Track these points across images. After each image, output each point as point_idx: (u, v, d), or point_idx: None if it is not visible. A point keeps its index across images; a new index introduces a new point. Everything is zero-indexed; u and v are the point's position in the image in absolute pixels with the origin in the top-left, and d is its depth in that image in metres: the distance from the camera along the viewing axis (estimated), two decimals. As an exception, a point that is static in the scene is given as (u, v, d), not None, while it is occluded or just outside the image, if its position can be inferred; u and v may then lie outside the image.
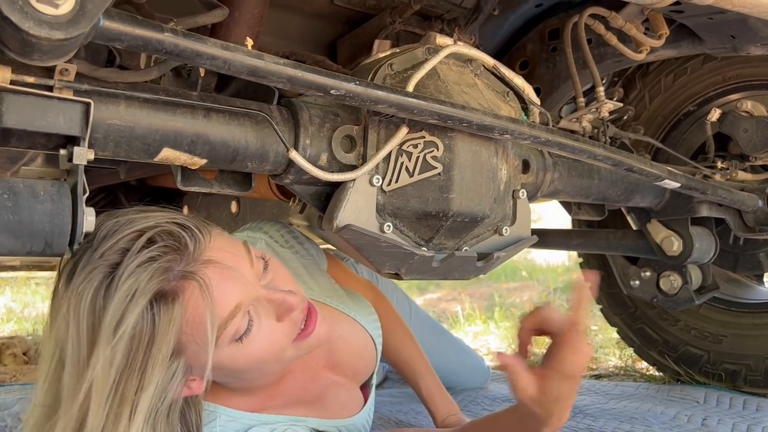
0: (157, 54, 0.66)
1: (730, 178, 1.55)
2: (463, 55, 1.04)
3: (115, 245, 0.78)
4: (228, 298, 0.81)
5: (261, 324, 0.87)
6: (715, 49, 1.41)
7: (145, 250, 0.78)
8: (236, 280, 0.83)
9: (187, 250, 0.80)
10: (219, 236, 0.87)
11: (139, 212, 0.85)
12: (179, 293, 0.78)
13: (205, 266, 0.80)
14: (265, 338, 0.87)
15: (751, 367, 1.80)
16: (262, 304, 0.87)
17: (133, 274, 0.76)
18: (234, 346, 0.85)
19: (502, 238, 1.10)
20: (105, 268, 0.77)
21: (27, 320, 4.33)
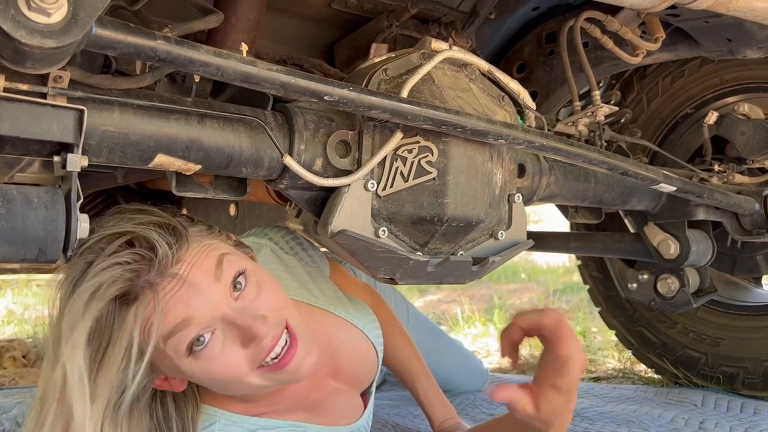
0: (151, 61, 0.66)
1: (727, 181, 1.55)
2: (457, 60, 1.05)
3: (97, 242, 0.82)
4: (177, 313, 0.83)
5: (224, 345, 0.87)
6: (711, 52, 1.41)
7: (116, 254, 0.81)
8: (193, 297, 0.84)
9: (158, 260, 0.82)
10: (197, 247, 0.87)
11: (136, 211, 0.88)
12: (136, 299, 0.81)
13: (168, 279, 0.83)
14: (223, 360, 0.87)
15: (749, 370, 1.80)
16: (228, 326, 0.86)
17: (98, 276, 0.79)
18: (189, 359, 0.86)
19: (498, 243, 1.10)
20: (82, 265, 0.82)
21: (27, 323, 4.33)
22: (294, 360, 0.90)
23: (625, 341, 2.11)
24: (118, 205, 0.91)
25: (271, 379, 0.91)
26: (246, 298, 0.89)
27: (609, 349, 2.68)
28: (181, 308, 0.83)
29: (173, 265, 0.83)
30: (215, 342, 0.86)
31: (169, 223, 0.86)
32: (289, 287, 1.16)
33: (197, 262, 0.86)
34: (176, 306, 0.82)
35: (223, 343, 0.86)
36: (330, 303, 1.22)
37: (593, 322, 3.28)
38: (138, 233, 0.82)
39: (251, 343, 0.87)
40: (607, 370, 2.43)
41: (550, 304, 3.78)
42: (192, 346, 0.85)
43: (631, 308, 2.05)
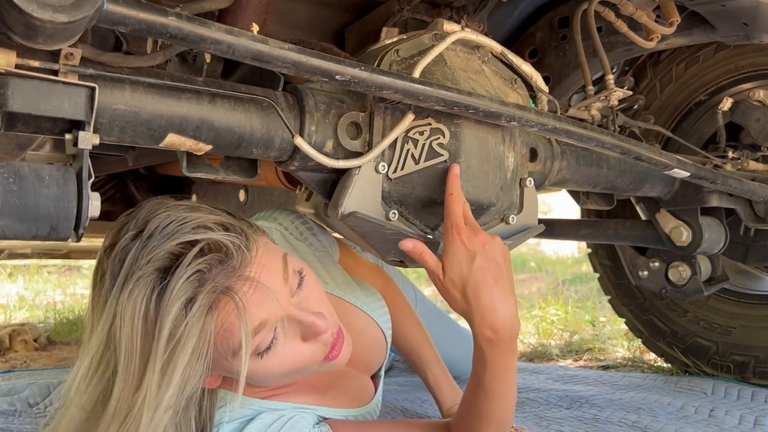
0: (162, 38, 0.65)
1: (741, 168, 1.54)
2: (470, 41, 1.04)
3: (165, 248, 0.78)
4: (254, 317, 0.82)
5: (285, 341, 0.87)
6: (727, 37, 1.39)
7: (195, 262, 0.78)
8: (267, 298, 0.83)
9: (232, 264, 0.80)
10: (263, 248, 0.86)
11: (190, 210, 0.84)
12: (215, 306, 0.79)
13: (242, 283, 0.81)
14: (287, 356, 0.88)
15: (759, 359, 1.79)
16: (290, 323, 0.87)
17: (183, 288, 0.76)
18: (254, 359, 0.85)
19: (509, 227, 1.10)
20: (155, 274, 0.78)
21: (38, 308, 4.37)
22: (342, 352, 0.93)
23: (634, 330, 2.10)
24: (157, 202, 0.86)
25: (324, 368, 0.94)
26: (301, 294, 0.90)
27: (618, 338, 2.67)
28: (257, 311, 0.82)
29: (246, 266, 0.82)
30: (279, 339, 0.86)
31: (228, 221, 0.84)
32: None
33: (267, 264, 0.85)
34: (253, 309, 0.81)
35: (284, 338, 0.87)
36: (340, 288, 1.21)
37: (602, 312, 3.27)
38: (209, 238, 0.79)
39: (312, 338, 0.88)
40: (616, 358, 2.42)
41: (559, 293, 3.77)
42: (261, 348, 0.85)
43: (641, 296, 2.04)
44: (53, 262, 5.69)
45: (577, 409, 1.62)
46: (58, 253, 3.39)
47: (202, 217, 0.82)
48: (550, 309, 3.32)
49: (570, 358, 2.53)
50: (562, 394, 1.76)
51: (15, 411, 1.62)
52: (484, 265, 0.90)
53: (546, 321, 3.12)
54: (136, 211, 0.86)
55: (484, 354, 0.92)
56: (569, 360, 2.50)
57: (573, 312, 3.25)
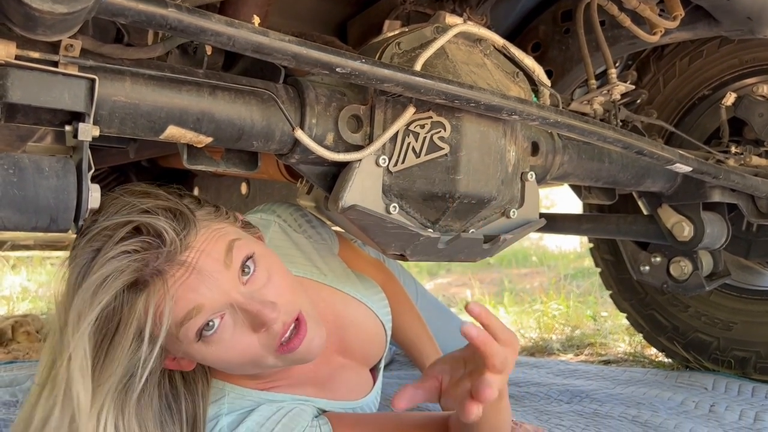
0: (162, 29, 0.65)
1: (744, 163, 1.53)
2: (472, 34, 1.03)
3: (104, 230, 0.81)
4: (187, 300, 0.82)
5: (234, 330, 0.87)
6: (731, 31, 1.39)
7: (124, 242, 0.80)
8: (202, 283, 0.83)
9: (166, 248, 0.81)
10: (206, 233, 0.87)
11: (142, 195, 0.86)
12: (146, 287, 0.81)
13: (177, 267, 0.82)
14: (235, 344, 0.87)
15: (761, 355, 1.79)
16: (240, 312, 0.86)
17: (106, 265, 0.79)
18: (199, 344, 0.86)
19: (510, 221, 1.10)
20: (89, 253, 0.81)
21: (41, 299, 4.39)
22: (303, 344, 0.91)
23: (636, 325, 2.10)
24: (124, 186, 0.90)
25: (282, 360, 0.92)
26: (255, 283, 0.89)
27: (619, 332, 2.67)
28: (191, 296, 0.82)
29: (182, 252, 0.83)
30: (225, 327, 0.86)
31: (177, 207, 0.85)
32: (297, 264, 1.17)
33: (206, 249, 0.85)
34: (186, 294, 0.82)
35: (233, 327, 0.87)
36: (339, 281, 1.21)
37: (603, 307, 3.27)
38: (145, 221, 0.81)
39: (261, 329, 0.87)
40: (617, 353, 2.42)
41: (561, 288, 3.76)
42: (201, 332, 0.85)
43: (642, 291, 2.04)
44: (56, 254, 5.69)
45: (578, 404, 1.62)
46: (61, 245, 3.40)
47: (150, 203, 0.84)
48: (551, 303, 3.32)
49: (571, 352, 2.53)
50: (562, 388, 1.76)
51: (17, 402, 1.63)
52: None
53: (547, 315, 3.12)
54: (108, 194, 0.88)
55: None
56: (570, 354, 2.50)
57: (574, 307, 3.25)
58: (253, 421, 0.95)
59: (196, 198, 0.95)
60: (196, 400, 0.96)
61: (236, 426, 0.95)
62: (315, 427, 0.99)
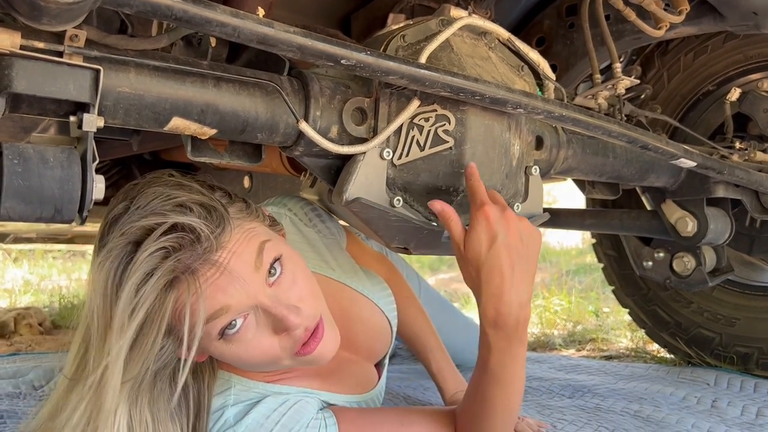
0: (167, 20, 0.65)
1: (749, 158, 1.53)
2: (477, 27, 1.03)
3: (140, 223, 0.81)
4: (215, 300, 0.82)
5: (257, 331, 0.87)
6: (736, 26, 1.38)
7: (162, 239, 0.79)
8: (231, 285, 0.83)
9: (200, 246, 0.81)
10: (239, 233, 0.86)
11: (176, 186, 0.86)
12: (176, 284, 0.81)
13: (208, 267, 0.82)
14: (255, 346, 0.87)
15: (763, 351, 1.78)
16: (263, 313, 0.86)
17: (146, 262, 0.78)
18: (220, 342, 0.86)
19: (514, 215, 1.09)
20: (125, 247, 0.81)
21: (44, 292, 4.40)
22: (318, 347, 0.91)
23: (638, 320, 2.10)
24: (156, 174, 0.89)
25: (299, 361, 0.92)
26: (281, 285, 0.89)
27: (621, 328, 2.67)
28: (219, 296, 0.82)
29: (215, 251, 0.82)
30: (248, 327, 0.86)
31: (211, 204, 0.85)
32: (307, 259, 1.16)
33: (238, 251, 0.85)
34: (215, 294, 0.82)
35: (256, 328, 0.87)
36: (347, 276, 1.22)
37: (605, 302, 3.27)
38: (179, 219, 0.80)
39: (283, 332, 0.87)
40: (619, 349, 2.42)
41: (563, 284, 3.76)
42: (224, 331, 0.85)
43: (645, 287, 2.04)
44: (58, 247, 5.71)
45: (580, 398, 1.62)
46: (63, 238, 3.40)
47: (186, 197, 0.84)
48: (553, 299, 3.32)
49: (573, 347, 2.53)
50: (564, 383, 1.76)
51: (20, 393, 1.63)
52: (502, 249, 0.88)
53: (549, 311, 3.12)
54: (140, 180, 0.89)
55: (488, 338, 0.92)
56: (572, 350, 2.50)
57: (576, 302, 3.25)
58: (259, 412, 0.95)
59: (227, 192, 0.94)
60: (201, 390, 0.96)
61: (242, 417, 0.95)
62: (320, 419, 0.99)
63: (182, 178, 0.89)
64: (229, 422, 0.96)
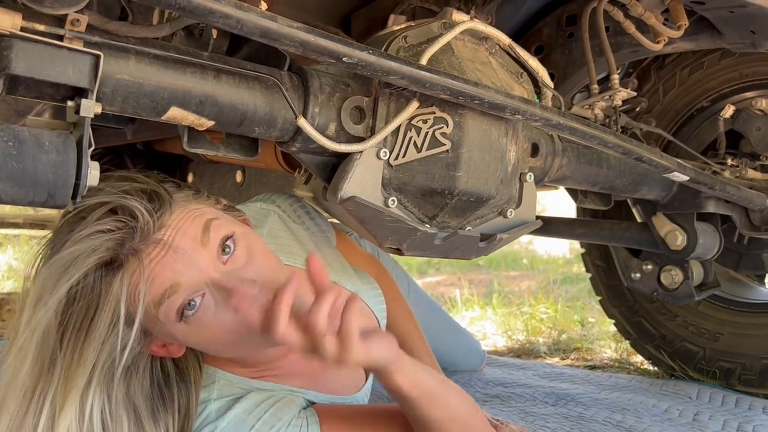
0: (170, 9, 0.65)
1: (740, 175, 1.54)
2: (478, 32, 1.03)
3: (81, 212, 0.82)
4: (164, 278, 0.82)
5: (216, 310, 0.85)
6: (734, 44, 1.39)
7: (98, 222, 0.80)
8: (178, 261, 0.82)
9: (140, 227, 0.81)
10: (182, 212, 0.86)
11: (121, 179, 0.87)
12: (121, 267, 0.81)
13: (152, 246, 0.82)
14: (218, 325, 0.86)
15: (746, 366, 1.80)
16: (219, 291, 0.85)
17: (78, 243, 0.79)
18: (181, 324, 0.85)
19: (506, 221, 1.10)
20: (64, 233, 0.81)
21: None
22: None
23: (623, 331, 2.11)
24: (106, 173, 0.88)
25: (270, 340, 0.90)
26: (235, 263, 0.87)
27: (606, 338, 2.68)
28: (167, 274, 0.82)
29: (156, 231, 0.82)
30: (206, 307, 0.85)
31: (153, 189, 0.85)
32: (294, 255, 1.16)
33: (182, 228, 0.84)
34: (163, 272, 0.82)
35: (215, 307, 0.85)
36: (335, 274, 1.21)
37: (591, 312, 3.29)
38: (119, 201, 0.81)
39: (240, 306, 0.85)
40: (603, 359, 2.43)
41: (550, 292, 3.78)
42: (183, 311, 0.84)
43: (632, 298, 2.05)
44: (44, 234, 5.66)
45: (563, 407, 1.63)
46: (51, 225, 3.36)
47: (128, 185, 0.84)
48: (539, 307, 3.33)
49: (557, 356, 2.54)
50: (548, 390, 1.77)
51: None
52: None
53: (535, 318, 3.13)
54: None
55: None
56: (556, 358, 2.51)
57: (562, 311, 3.26)
58: (242, 407, 0.95)
59: (177, 183, 0.94)
60: (189, 389, 0.95)
61: (224, 412, 0.94)
62: (302, 418, 0.99)
63: (129, 173, 0.90)
64: (211, 417, 0.95)
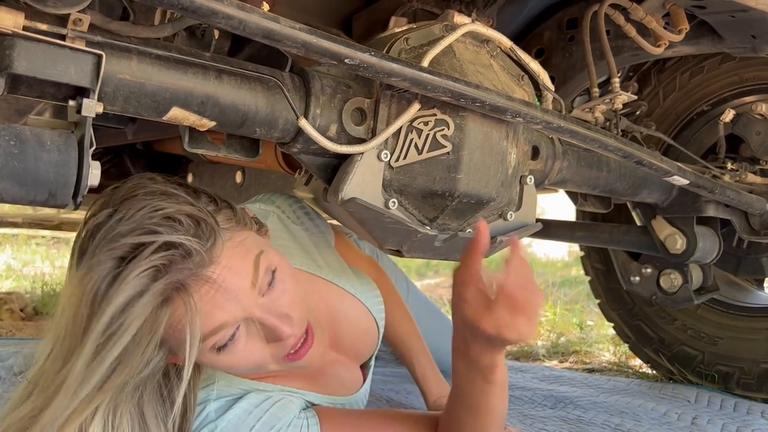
0: (173, 9, 0.65)
1: (739, 179, 1.54)
2: (480, 34, 1.03)
3: (128, 237, 0.77)
4: (213, 319, 0.81)
5: (247, 341, 0.86)
6: (734, 48, 1.39)
7: (152, 257, 0.76)
8: (228, 301, 0.82)
9: (191, 262, 0.79)
10: (232, 248, 0.84)
11: (166, 196, 0.82)
12: (170, 301, 0.78)
13: (201, 283, 0.80)
14: (247, 355, 0.87)
15: (744, 370, 1.80)
16: (254, 323, 0.86)
17: (136, 280, 0.75)
18: (213, 354, 0.85)
19: (507, 223, 1.10)
20: (112, 261, 0.77)
21: (26, 278, 4.35)
22: (308, 354, 0.92)
23: (622, 334, 2.12)
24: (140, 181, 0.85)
25: (286, 366, 0.93)
26: (272, 294, 0.88)
27: (604, 342, 2.68)
28: (217, 313, 0.81)
29: (207, 266, 0.80)
30: (239, 338, 0.85)
31: (199, 215, 0.82)
32: (293, 256, 1.16)
33: (234, 267, 0.83)
34: (213, 311, 0.81)
35: (246, 337, 0.86)
36: (334, 274, 1.21)
37: (589, 316, 3.29)
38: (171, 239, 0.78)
39: (274, 342, 0.87)
40: (601, 362, 2.43)
41: (548, 295, 3.78)
42: (220, 345, 0.84)
43: (631, 302, 2.05)
44: (42, 233, 5.66)
45: (562, 410, 1.63)
46: (49, 224, 3.37)
47: (173, 208, 0.80)
48: (538, 310, 3.32)
49: (556, 359, 2.54)
50: (547, 393, 1.77)
51: (0, 378, 1.62)
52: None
53: (534, 321, 3.12)
54: (121, 186, 0.85)
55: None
56: (555, 361, 2.51)
57: (561, 314, 3.26)
58: (241, 408, 0.95)
59: (211, 196, 0.91)
60: (187, 390, 0.95)
61: (224, 412, 0.94)
62: (302, 419, 0.99)
63: (167, 184, 0.86)
64: (211, 416, 0.95)
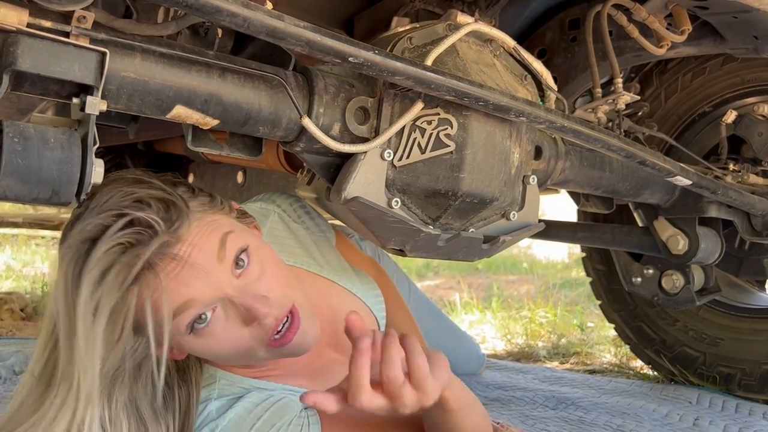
0: (177, 7, 0.65)
1: (742, 180, 1.54)
2: (483, 34, 1.03)
3: (96, 219, 0.80)
4: (179, 294, 0.81)
5: (226, 323, 0.86)
6: (737, 49, 1.39)
7: (118, 234, 0.78)
8: (196, 279, 0.82)
9: (158, 240, 0.80)
10: (199, 226, 0.85)
11: (135, 182, 0.85)
12: (138, 280, 0.79)
13: (168, 260, 0.81)
14: (226, 337, 0.86)
15: (746, 372, 1.80)
16: (231, 305, 0.86)
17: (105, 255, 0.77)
18: (190, 336, 0.85)
19: (509, 223, 1.10)
20: (82, 244, 0.79)
21: (26, 279, 4.35)
22: (296, 337, 0.90)
23: (623, 336, 2.11)
24: (117, 172, 0.88)
25: (273, 353, 0.91)
26: (249, 276, 0.88)
27: (605, 343, 2.68)
28: (183, 290, 0.81)
29: (174, 245, 0.81)
30: (216, 320, 0.85)
31: (170, 198, 0.84)
32: (294, 255, 1.16)
33: (199, 243, 0.84)
34: (178, 288, 0.81)
35: (225, 320, 0.86)
36: (335, 273, 1.21)
37: (590, 317, 3.29)
38: (137, 215, 0.79)
39: (252, 323, 0.86)
40: (602, 363, 2.43)
41: (549, 296, 3.77)
42: (193, 325, 0.84)
43: (632, 303, 2.05)
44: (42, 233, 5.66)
45: (563, 410, 1.63)
46: (49, 224, 3.36)
47: (143, 192, 0.82)
48: (539, 311, 3.33)
49: (557, 360, 2.54)
50: (548, 394, 1.76)
51: (0, 378, 1.61)
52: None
53: (534, 322, 3.13)
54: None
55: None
56: (556, 362, 2.51)
57: (562, 315, 3.26)
58: (242, 406, 0.95)
59: (191, 187, 0.92)
60: (190, 388, 0.95)
61: (225, 411, 0.94)
62: (303, 418, 0.99)
63: (143, 174, 0.87)
64: (212, 415, 0.95)
